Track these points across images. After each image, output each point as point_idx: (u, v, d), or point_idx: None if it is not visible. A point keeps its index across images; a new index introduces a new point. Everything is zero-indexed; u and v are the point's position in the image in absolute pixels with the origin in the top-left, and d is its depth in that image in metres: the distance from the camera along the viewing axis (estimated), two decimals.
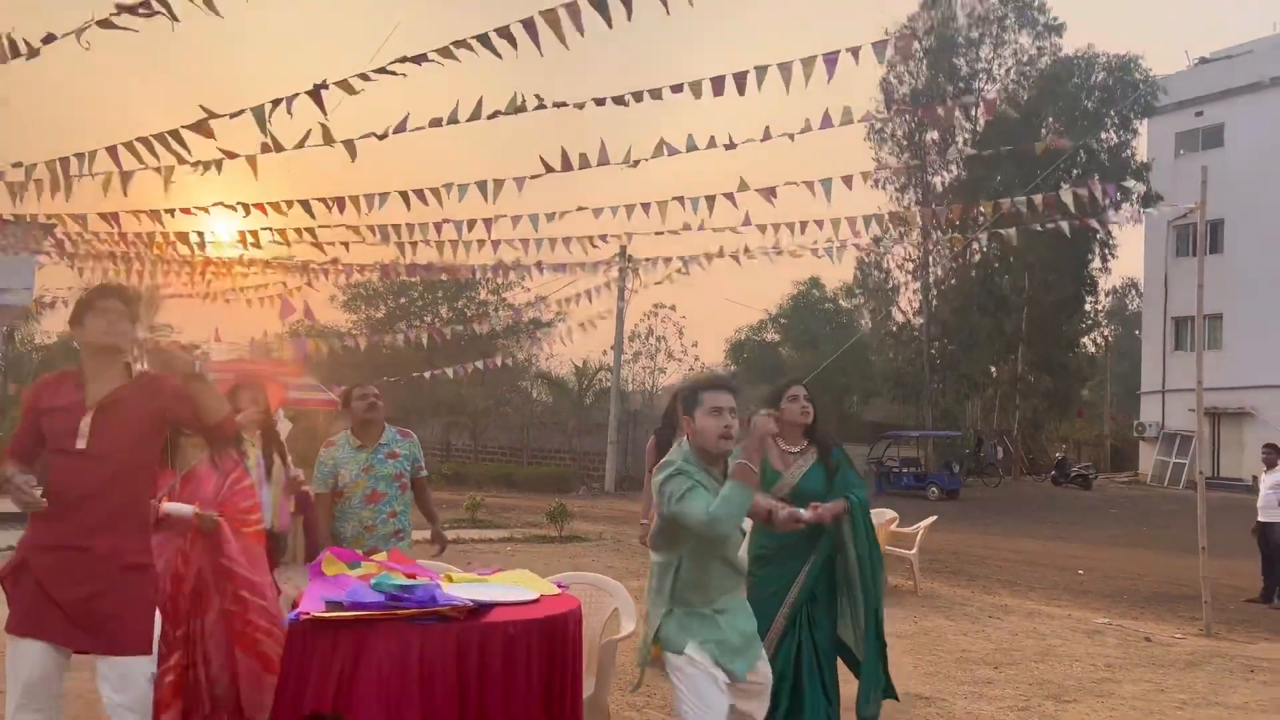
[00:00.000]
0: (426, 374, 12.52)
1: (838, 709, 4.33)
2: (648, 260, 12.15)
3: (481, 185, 6.70)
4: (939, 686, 6.23)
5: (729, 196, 7.20)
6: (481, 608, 3.34)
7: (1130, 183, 31.95)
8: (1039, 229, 10.09)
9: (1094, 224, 11.91)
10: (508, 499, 22.83)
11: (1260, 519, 10.98)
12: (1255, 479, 12.18)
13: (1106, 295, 46.42)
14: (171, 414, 3.49)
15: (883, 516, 10.14)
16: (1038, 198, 8.32)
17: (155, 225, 7.82)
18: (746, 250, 9.67)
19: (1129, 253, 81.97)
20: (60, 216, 7.99)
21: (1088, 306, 39.15)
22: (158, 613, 3.54)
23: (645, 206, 7.58)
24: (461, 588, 3.62)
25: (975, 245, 34.00)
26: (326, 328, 29.96)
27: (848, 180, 7.22)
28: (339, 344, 16.34)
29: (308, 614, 3.19)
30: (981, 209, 9.70)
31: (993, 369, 36.33)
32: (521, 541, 14.16)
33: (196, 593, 4.09)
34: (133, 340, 3.49)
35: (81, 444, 3.34)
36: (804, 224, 8.29)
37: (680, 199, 7.46)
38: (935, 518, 11.66)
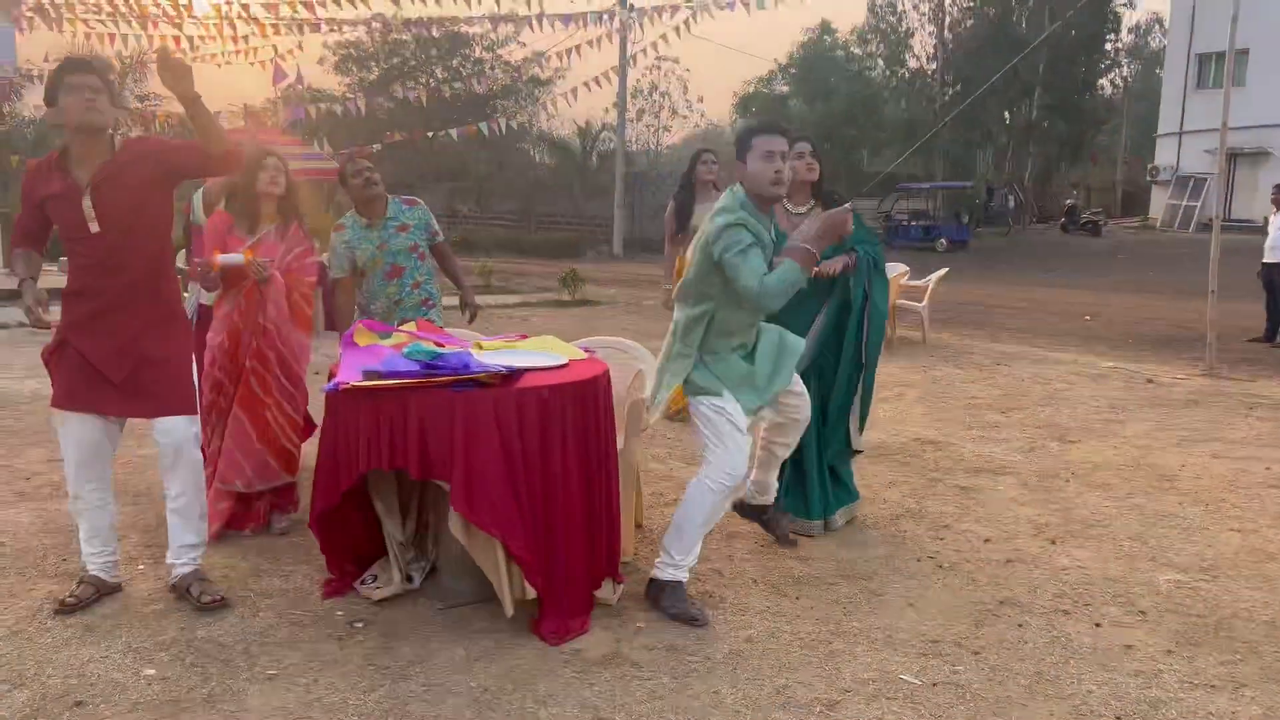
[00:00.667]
0: (429, 134, 12.21)
1: (839, 453, 4.51)
2: (652, 8, 11.56)
3: None
4: (948, 431, 6.49)
5: None
6: (514, 373, 3.42)
7: None
8: None
9: None
10: (518, 265, 22.96)
11: (1265, 260, 11.04)
12: (1266, 220, 12.10)
13: (1129, 33, 44.38)
14: (169, 166, 3.45)
15: (893, 270, 10.19)
16: None
17: None
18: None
19: None
20: None
21: (1108, 45, 37.53)
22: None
23: None
24: (492, 355, 3.70)
25: None
26: (320, 92, 29.06)
27: None
28: (335, 108, 15.90)
29: (346, 384, 3.28)
30: None
31: (1006, 115, 35.34)
32: (537, 306, 14.36)
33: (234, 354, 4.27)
34: (113, 115, 3.38)
35: (94, 227, 3.33)
36: None
37: None
38: (945, 270, 11.73)
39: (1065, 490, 5.20)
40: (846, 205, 3.63)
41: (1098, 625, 3.53)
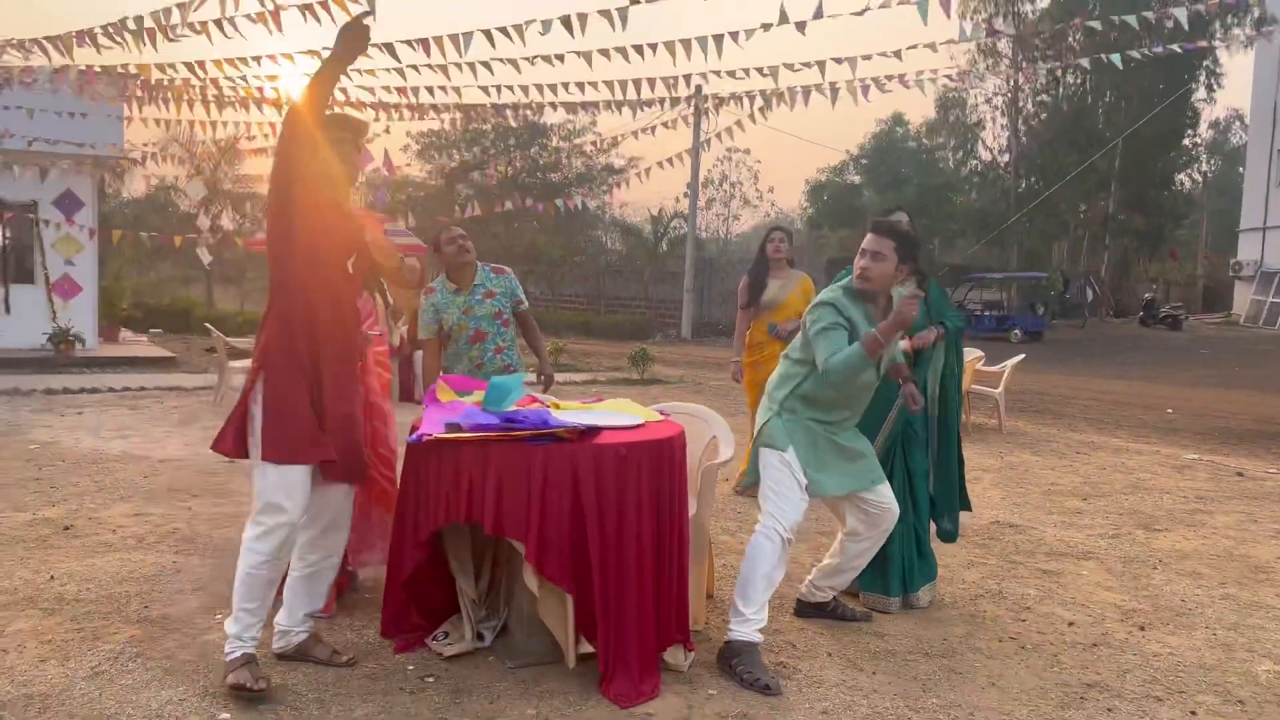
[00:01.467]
0: (505, 206, 12.61)
1: (927, 528, 4.45)
2: (727, 97, 11.76)
3: (565, 20, 6.53)
4: (1028, 516, 6.32)
5: (801, 25, 6.90)
6: (591, 430, 3.45)
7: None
8: (1140, 55, 9.49)
9: (1203, 45, 11.13)
10: (587, 345, 23.21)
11: None
12: None
13: (1208, 128, 44.00)
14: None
15: (969, 355, 10.08)
16: (1136, 16, 7.79)
17: (241, 69, 7.83)
18: (831, 85, 9.30)
19: (1235, 82, 77.00)
20: (146, 67, 8.05)
21: (1186, 140, 37.20)
22: None
23: (721, 38, 7.31)
24: (570, 414, 3.74)
25: (1067, 76, 32.34)
26: (406, 177, 30.15)
27: (923, 8, 6.82)
28: (416, 190, 16.48)
29: (429, 435, 3.33)
30: (1075, 35, 9.11)
31: (1082, 208, 35.05)
32: (605, 384, 14.45)
33: None
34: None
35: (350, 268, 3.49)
36: (889, 53, 7.91)
37: (765, 25, 7.16)
38: (1023, 356, 11.54)
39: (1153, 578, 5.00)
40: (915, 293, 3.69)
41: (1193, 713, 3.36)
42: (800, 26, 6.99)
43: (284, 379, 3.23)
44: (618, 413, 3.91)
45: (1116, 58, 9.47)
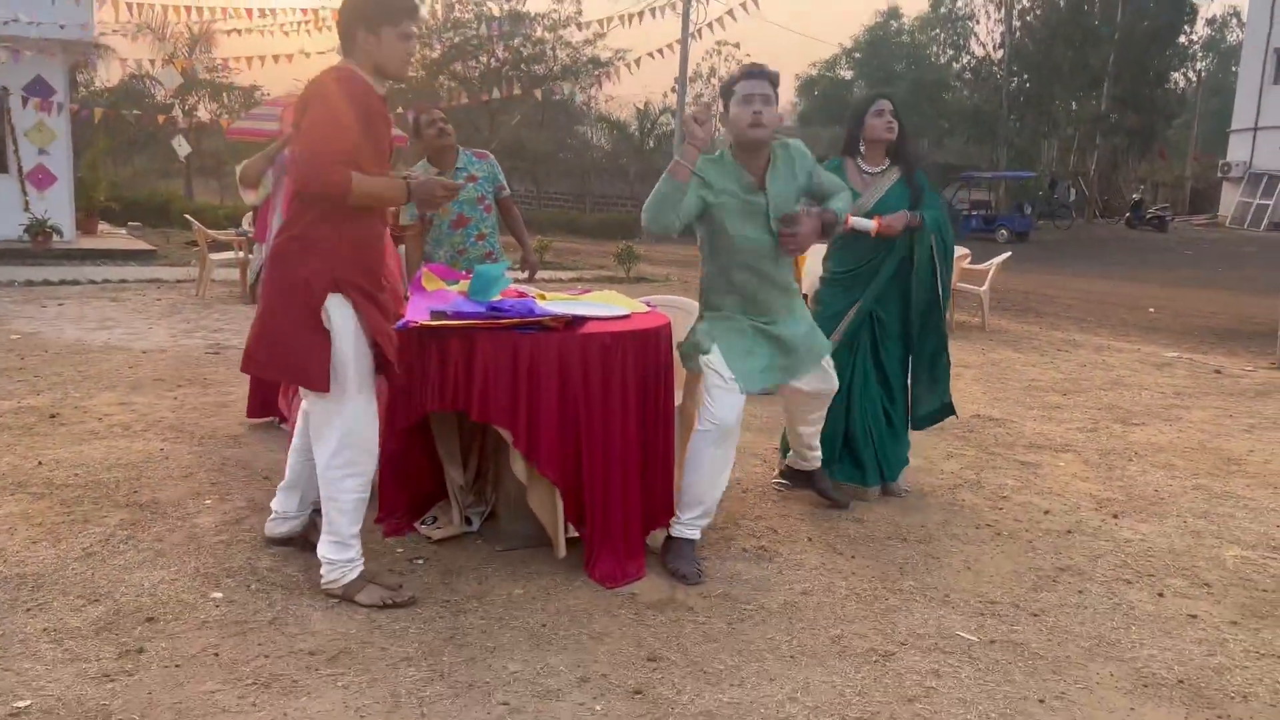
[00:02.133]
0: (494, 94, 12.29)
1: (904, 415, 4.47)
2: None
3: None
4: (1008, 410, 6.40)
5: None
6: (578, 320, 3.45)
7: None
8: None
9: None
10: (573, 244, 23.05)
11: None
12: None
13: (1205, 25, 43.18)
14: None
15: (955, 253, 10.05)
16: None
17: None
18: None
19: None
20: None
21: (1182, 38, 36.55)
22: None
23: None
24: (556, 304, 3.73)
25: None
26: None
27: None
28: (396, 83, 16.03)
29: (415, 323, 3.32)
30: None
31: (1074, 105, 34.60)
32: (591, 282, 14.39)
33: None
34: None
35: None
36: None
37: None
38: (1008, 254, 11.54)
39: (1128, 469, 5.11)
40: (803, 208, 3.59)
41: (1161, 595, 3.47)
42: None
43: (369, 303, 3.06)
44: (604, 304, 3.90)
45: None
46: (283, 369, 3.17)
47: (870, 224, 4.14)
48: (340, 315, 3.01)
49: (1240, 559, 3.85)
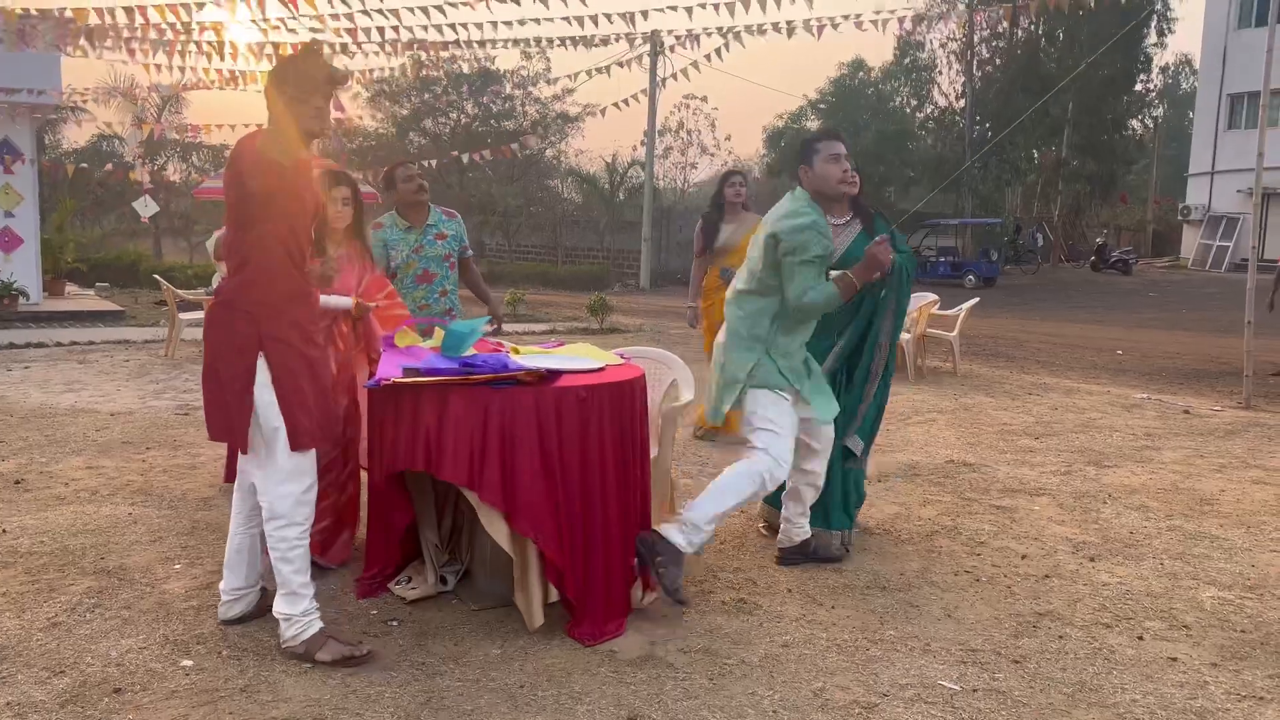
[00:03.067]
0: (459, 155, 12.33)
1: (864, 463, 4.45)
2: (679, 38, 11.60)
3: None
4: (982, 455, 6.43)
5: None
6: (552, 374, 3.44)
7: None
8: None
9: None
10: (546, 296, 23.08)
11: None
12: None
13: (1159, 73, 44.35)
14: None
15: (923, 299, 10.17)
16: None
17: (178, 17, 7.62)
18: (788, 23, 9.24)
19: (1186, 27, 77.57)
20: (83, 11, 7.79)
21: (1139, 86, 37.47)
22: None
23: None
24: (529, 358, 3.72)
25: (1021, 23, 32.36)
26: (356, 126, 29.53)
27: None
28: (368, 140, 16.13)
29: (388, 380, 3.30)
30: None
31: (1035, 154, 35.28)
32: (564, 333, 14.40)
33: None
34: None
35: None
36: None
37: None
38: (977, 300, 11.67)
39: (1103, 511, 5.13)
40: (882, 236, 3.73)
41: (1140, 638, 3.46)
42: None
43: (293, 358, 3.07)
44: (578, 356, 3.90)
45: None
46: (222, 430, 3.15)
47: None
48: (264, 373, 3.04)
49: (1218, 600, 3.86)
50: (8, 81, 12.89)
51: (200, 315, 10.76)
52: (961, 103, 34.73)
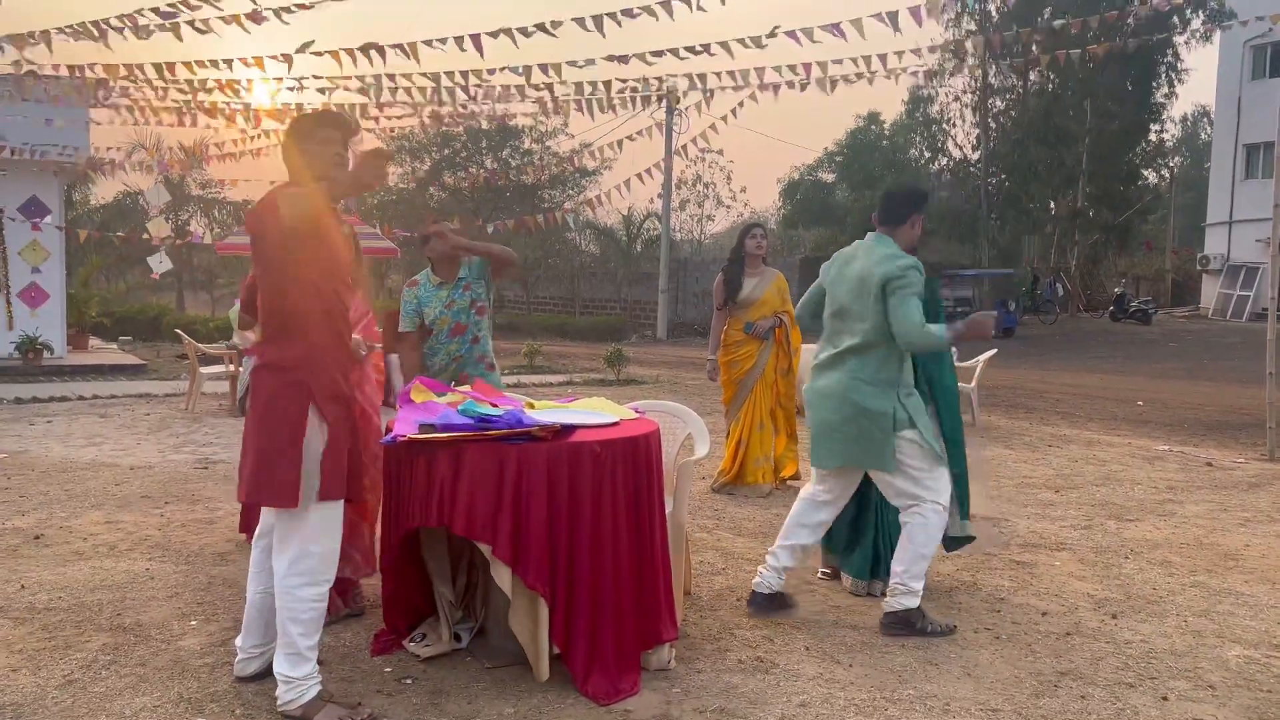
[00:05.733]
0: (490, 227, 12.46)
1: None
2: (695, 93, 11.72)
3: (524, 30, 6.59)
4: (1001, 509, 6.37)
5: (779, 34, 6.99)
6: (567, 429, 3.45)
7: None
8: (1103, 43, 9.57)
9: (1161, 37, 11.27)
10: (563, 347, 23.17)
11: None
12: None
13: (1175, 124, 44.51)
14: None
15: None
16: (1098, 18, 7.94)
17: (205, 72, 7.80)
18: (801, 80, 9.34)
19: (1200, 77, 77.95)
20: (113, 68, 7.97)
21: (1152, 136, 37.59)
22: None
23: (693, 49, 7.40)
24: (545, 413, 3.74)
25: (1034, 76, 32.63)
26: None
27: (892, 17, 6.88)
28: (389, 195, 16.35)
29: (403, 436, 3.32)
30: (1038, 34, 9.23)
31: (1052, 204, 35.34)
32: (581, 385, 14.43)
33: None
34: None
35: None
36: (857, 58, 8.04)
37: (726, 44, 7.28)
38: (994, 351, 11.63)
39: (1124, 567, 5.06)
40: (993, 313, 4.03)
41: (1165, 699, 3.40)
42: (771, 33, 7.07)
43: (341, 412, 3.11)
44: (592, 411, 3.91)
45: (1075, 54, 9.60)
46: (261, 489, 3.11)
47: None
48: (314, 427, 3.05)
49: (1243, 658, 3.79)
50: (36, 140, 13.18)
51: (221, 369, 10.87)
52: (976, 154, 34.89)
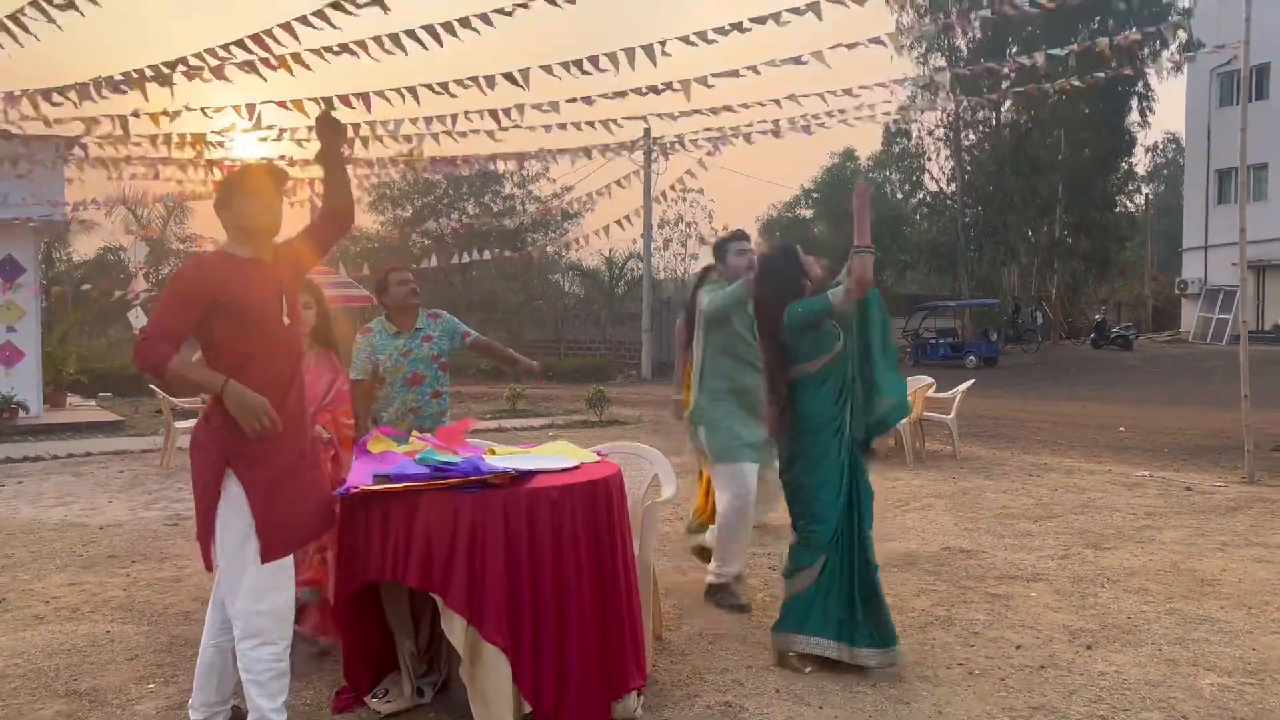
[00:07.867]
0: (467, 257, 12.51)
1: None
2: (674, 141, 11.83)
3: (510, 76, 6.60)
4: (979, 541, 6.33)
5: (753, 69, 7.02)
6: (524, 475, 3.41)
7: (1171, 25, 30.34)
8: (1073, 84, 9.70)
9: (1130, 73, 11.44)
10: (547, 389, 23.08)
11: None
12: None
13: (1146, 151, 45.09)
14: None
15: (919, 382, 10.16)
16: (1069, 50, 8.03)
17: (179, 125, 7.80)
18: (775, 122, 9.42)
19: (1170, 105, 79.24)
20: (90, 120, 7.96)
21: (1125, 164, 38.06)
22: None
23: (670, 86, 7.43)
24: (504, 459, 3.70)
25: (1006, 106, 33.05)
26: (358, 229, 30.00)
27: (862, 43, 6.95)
28: (371, 243, 16.36)
29: (357, 488, 3.27)
30: (1008, 70, 9.34)
31: (1029, 234, 35.65)
32: (563, 427, 14.37)
33: None
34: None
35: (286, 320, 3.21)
36: (827, 94, 8.10)
37: (703, 79, 7.32)
38: (972, 381, 11.64)
39: (1100, 596, 5.02)
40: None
41: None
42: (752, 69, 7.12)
43: (262, 472, 3.05)
44: (553, 455, 3.87)
45: (1047, 87, 9.72)
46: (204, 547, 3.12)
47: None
48: (233, 491, 3.02)
49: (1217, 686, 3.74)
50: (10, 199, 13.16)
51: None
52: (952, 187, 35.24)
